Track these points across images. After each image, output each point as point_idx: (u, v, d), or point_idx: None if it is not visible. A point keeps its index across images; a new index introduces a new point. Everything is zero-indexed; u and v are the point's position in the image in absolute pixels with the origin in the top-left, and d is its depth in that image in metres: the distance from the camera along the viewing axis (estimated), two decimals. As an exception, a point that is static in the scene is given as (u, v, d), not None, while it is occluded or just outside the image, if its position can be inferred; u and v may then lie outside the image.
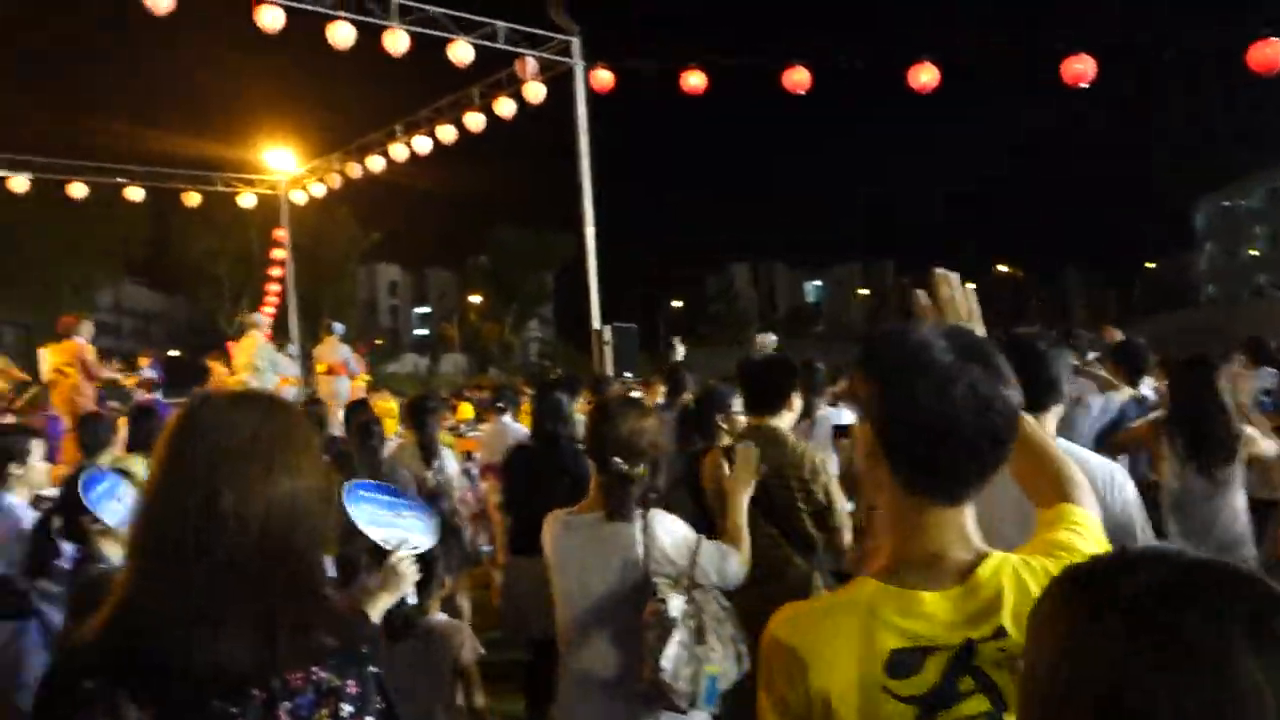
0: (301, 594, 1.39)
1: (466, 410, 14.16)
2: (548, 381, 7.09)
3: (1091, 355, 7.26)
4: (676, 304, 71.27)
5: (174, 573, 1.33)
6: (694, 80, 12.45)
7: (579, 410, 5.74)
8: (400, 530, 2.63)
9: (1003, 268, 77.80)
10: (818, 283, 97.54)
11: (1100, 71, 10.26)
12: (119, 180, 19.00)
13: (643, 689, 2.65)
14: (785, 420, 3.71)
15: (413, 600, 2.85)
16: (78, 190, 18.34)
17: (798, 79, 11.77)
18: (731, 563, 2.88)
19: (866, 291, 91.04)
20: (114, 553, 3.10)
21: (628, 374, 12.65)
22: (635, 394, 8.14)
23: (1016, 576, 1.29)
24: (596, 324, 13.24)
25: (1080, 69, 10.31)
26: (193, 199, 20.28)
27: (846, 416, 5.59)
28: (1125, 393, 5.16)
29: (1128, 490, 2.49)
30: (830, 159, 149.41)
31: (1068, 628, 0.84)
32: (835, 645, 1.26)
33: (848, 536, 3.61)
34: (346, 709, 1.37)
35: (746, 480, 3.03)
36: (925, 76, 11.03)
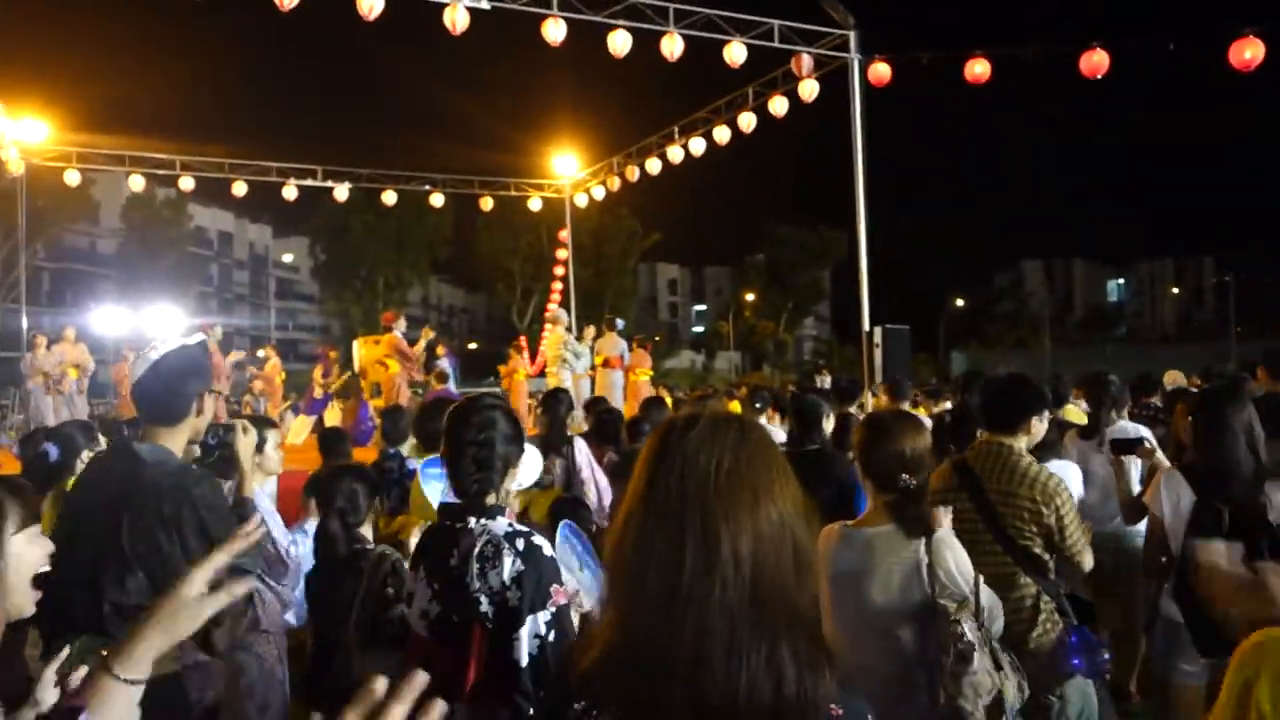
0: (804, 632, 1.28)
1: (734, 409, 14.19)
2: (804, 387, 6.93)
3: None
4: (959, 303, 68.04)
5: (669, 615, 1.25)
6: (978, 69, 11.82)
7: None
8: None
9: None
10: (1121, 280, 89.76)
11: None
12: (424, 188, 20.83)
13: (940, 713, 2.62)
14: (1022, 441, 3.52)
15: None
16: (389, 197, 20.40)
17: (1096, 61, 10.84)
18: (1000, 618, 2.83)
19: (1178, 290, 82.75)
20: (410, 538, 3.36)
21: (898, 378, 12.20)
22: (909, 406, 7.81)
23: None
24: (866, 325, 12.86)
25: None
26: (487, 203, 21.79)
27: (1136, 430, 5.04)
28: None
29: None
30: (1135, 145, 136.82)
31: None
32: None
33: (1087, 561, 3.41)
34: None
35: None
36: (1249, 52, 9.81)
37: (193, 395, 2.83)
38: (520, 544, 2.37)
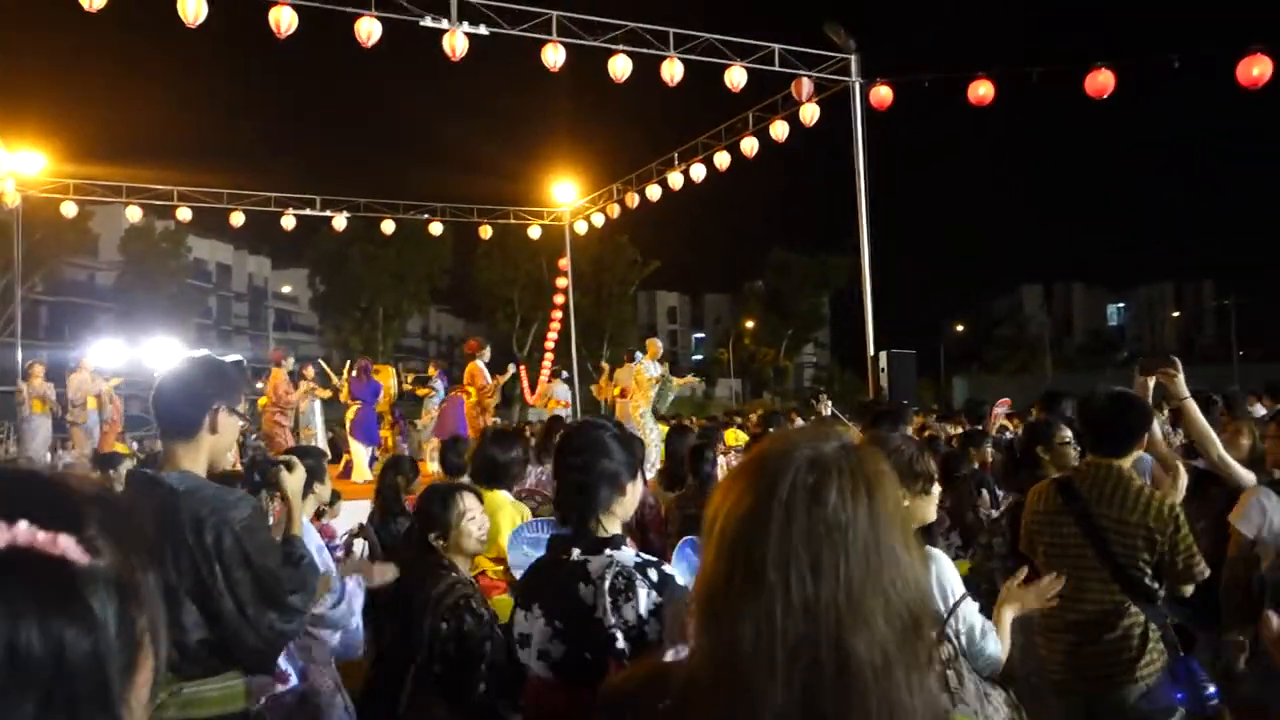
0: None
1: (731, 437, 13.99)
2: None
3: None
4: (959, 328, 67.95)
5: (766, 678, 1.04)
6: (981, 90, 11.73)
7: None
8: None
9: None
10: (1121, 305, 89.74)
11: None
12: (423, 216, 20.75)
13: None
14: (1129, 461, 3.36)
15: None
16: (388, 226, 20.33)
17: (1102, 81, 10.75)
18: (990, 643, 2.65)
19: (1179, 314, 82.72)
20: (462, 565, 3.31)
21: (904, 401, 12.04)
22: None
23: None
24: (871, 350, 12.70)
25: None
26: (486, 232, 21.71)
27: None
28: None
29: None
30: (1136, 168, 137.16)
31: None
32: None
33: (1201, 570, 3.23)
34: None
35: (1024, 604, 2.86)
36: (1257, 69, 9.71)
37: (205, 407, 2.59)
38: (653, 574, 2.23)
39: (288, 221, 18.95)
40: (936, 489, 2.73)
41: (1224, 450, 3.89)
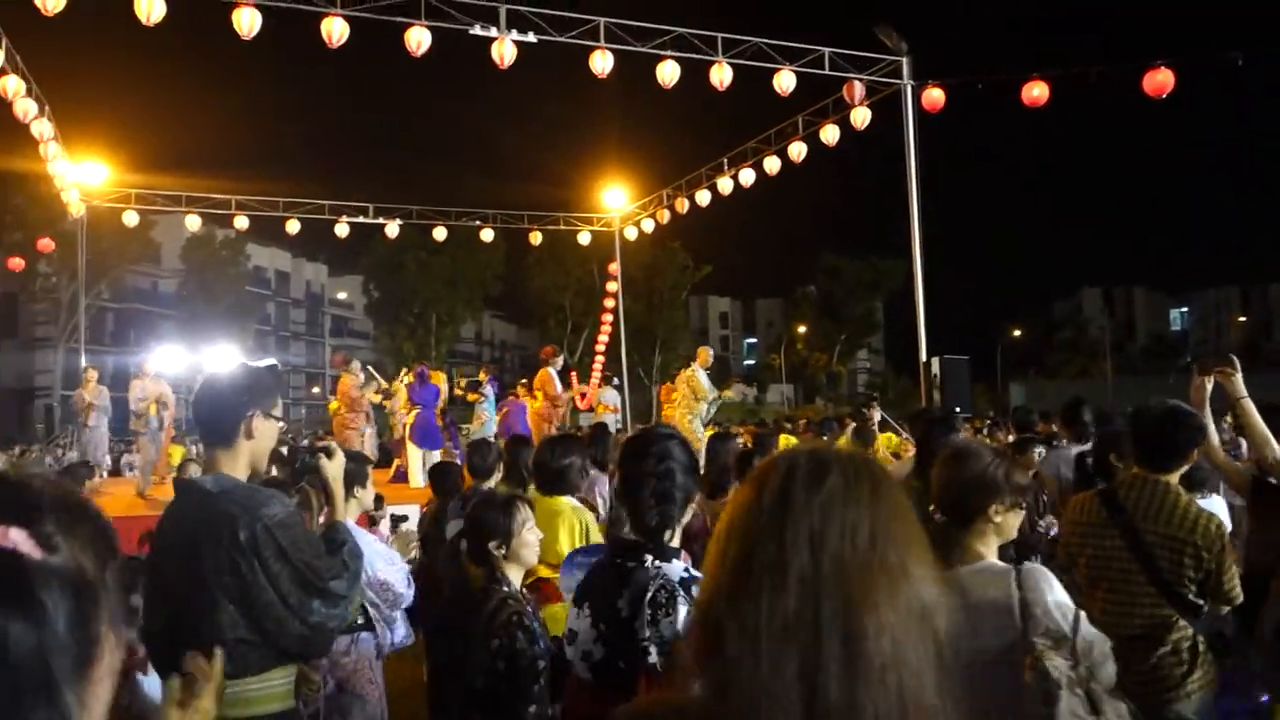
0: None
1: (784, 443, 13.84)
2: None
3: None
4: (1017, 333, 66.76)
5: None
6: (1036, 91, 11.50)
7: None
8: None
9: None
10: (1184, 309, 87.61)
11: None
12: (475, 223, 20.92)
13: None
14: (1176, 476, 3.33)
15: None
16: (440, 233, 20.54)
17: (1160, 81, 10.48)
18: (1110, 663, 2.49)
19: (1244, 319, 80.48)
20: (515, 576, 3.23)
21: (955, 409, 11.82)
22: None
23: None
24: (924, 355, 12.49)
25: None
26: (536, 238, 21.81)
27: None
28: None
29: None
30: (1200, 169, 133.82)
31: None
32: None
33: (1239, 595, 3.20)
34: None
35: None
36: (1326, 66, 9.41)
37: (240, 415, 2.66)
38: (697, 592, 2.18)
39: (342, 229, 19.22)
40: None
41: None
